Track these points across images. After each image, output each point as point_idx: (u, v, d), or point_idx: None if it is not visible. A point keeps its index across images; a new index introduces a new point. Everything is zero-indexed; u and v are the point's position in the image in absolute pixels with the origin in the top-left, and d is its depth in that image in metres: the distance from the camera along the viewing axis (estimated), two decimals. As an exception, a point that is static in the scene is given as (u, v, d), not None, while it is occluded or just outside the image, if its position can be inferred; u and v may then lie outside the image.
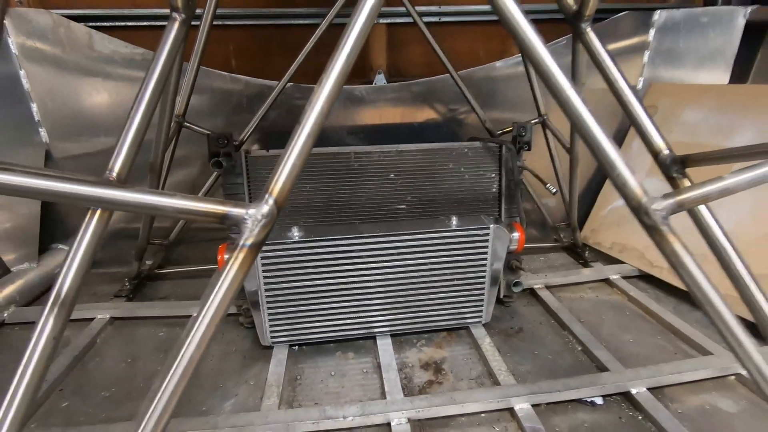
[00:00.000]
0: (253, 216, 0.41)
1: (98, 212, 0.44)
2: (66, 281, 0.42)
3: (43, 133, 1.28)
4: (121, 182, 0.46)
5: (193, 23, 0.59)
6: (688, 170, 0.54)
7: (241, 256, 0.41)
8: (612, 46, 1.50)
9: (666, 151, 0.54)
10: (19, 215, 1.26)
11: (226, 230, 1.13)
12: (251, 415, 0.81)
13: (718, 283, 0.44)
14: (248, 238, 0.41)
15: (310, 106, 0.42)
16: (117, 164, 0.46)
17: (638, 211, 0.38)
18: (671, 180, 0.53)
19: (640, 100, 0.57)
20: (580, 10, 0.61)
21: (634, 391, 0.86)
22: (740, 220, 1.13)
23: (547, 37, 0.43)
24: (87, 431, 0.78)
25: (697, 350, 0.99)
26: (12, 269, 1.22)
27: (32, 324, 0.86)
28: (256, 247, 0.41)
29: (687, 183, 0.53)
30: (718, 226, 0.49)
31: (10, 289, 1.15)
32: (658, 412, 0.81)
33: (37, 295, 1.23)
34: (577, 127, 0.40)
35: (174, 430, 0.77)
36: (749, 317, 0.55)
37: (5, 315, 1.10)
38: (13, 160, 1.11)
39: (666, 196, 0.38)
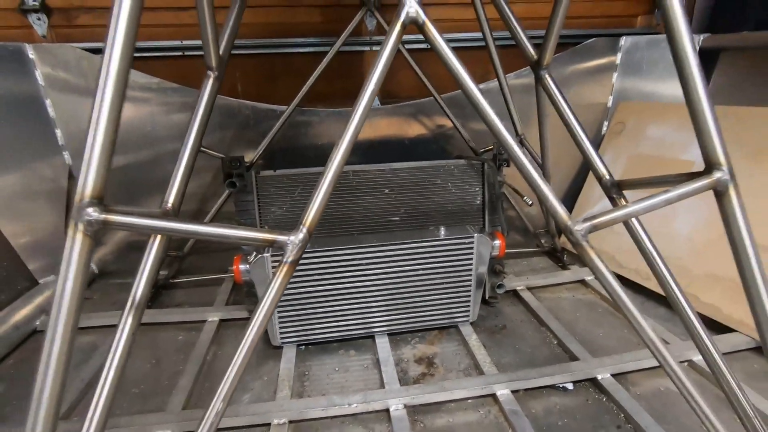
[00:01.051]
0: (293, 241, 0.53)
1: (159, 237, 0.56)
2: (138, 290, 0.54)
3: (66, 155, 1.40)
4: (176, 211, 0.58)
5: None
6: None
7: (285, 269, 0.53)
8: (584, 66, 1.65)
9: (607, 177, 0.68)
10: (43, 229, 1.36)
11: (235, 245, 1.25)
12: (268, 405, 0.93)
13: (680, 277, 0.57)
14: (289, 256, 0.53)
15: (331, 160, 0.54)
16: (171, 197, 0.59)
17: (565, 230, 0.51)
18: (611, 199, 0.67)
19: (587, 134, 0.70)
20: (539, 60, 0.75)
21: (599, 377, 0.99)
22: (696, 225, 1.27)
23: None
24: (125, 421, 0.90)
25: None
26: (40, 281, 1.33)
27: None
28: (294, 263, 0.54)
29: (623, 202, 0.66)
30: (645, 234, 0.62)
31: (40, 299, 1.26)
32: (619, 394, 0.94)
33: (63, 304, 1.34)
34: (515, 164, 0.53)
35: (192, 420, 0.89)
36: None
37: (37, 323, 1.22)
38: (40, 179, 1.23)
39: (584, 219, 0.51)
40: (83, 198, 0.44)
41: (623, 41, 1.59)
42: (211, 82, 0.67)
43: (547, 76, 0.76)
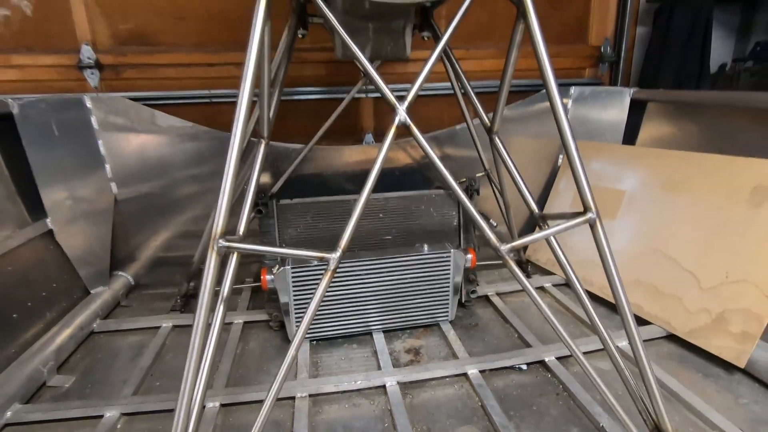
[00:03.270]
0: (334, 258, 0.81)
1: (236, 254, 0.84)
2: (225, 289, 0.82)
3: (113, 186, 1.67)
4: (244, 236, 0.87)
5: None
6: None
7: (328, 275, 0.80)
8: (543, 108, 1.99)
9: (537, 211, 0.99)
10: (94, 244, 1.62)
11: (256, 258, 1.54)
12: (292, 383, 1.20)
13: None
14: (331, 267, 0.81)
15: (356, 204, 0.83)
16: (242, 227, 0.87)
17: (495, 250, 0.81)
18: (539, 227, 0.98)
19: (525, 183, 1.01)
20: (491, 127, 1.07)
21: (546, 359, 1.29)
22: (632, 239, 1.59)
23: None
24: (176, 397, 1.16)
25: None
26: (91, 291, 1.58)
27: (115, 332, 1.35)
28: (334, 271, 0.81)
29: (547, 227, 0.97)
30: (561, 251, 0.93)
31: (93, 307, 1.51)
32: (560, 372, 1.23)
33: (110, 311, 1.60)
34: (460, 203, 0.83)
35: (240, 394, 1.16)
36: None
37: (94, 326, 1.47)
38: (92, 206, 1.51)
39: (508, 243, 0.81)
40: (217, 234, 0.72)
41: (572, 90, 1.94)
42: (262, 147, 0.96)
43: (497, 138, 1.07)
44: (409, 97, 0.80)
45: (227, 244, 0.74)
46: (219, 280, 0.80)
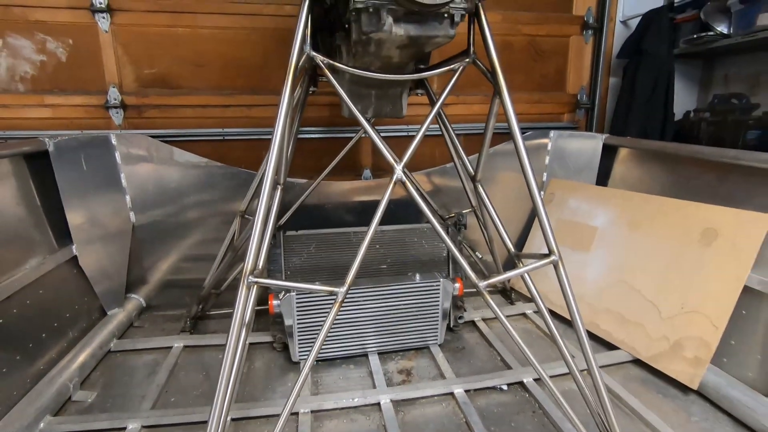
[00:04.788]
0: (341, 291, 0.96)
1: (255, 287, 0.99)
2: (246, 314, 0.97)
3: (132, 215, 1.82)
4: (263, 272, 1.02)
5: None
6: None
7: (336, 306, 0.96)
8: (528, 144, 2.19)
9: (513, 250, 1.16)
10: (112, 268, 1.75)
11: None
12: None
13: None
14: (338, 300, 0.96)
15: (362, 243, 0.99)
16: (260, 263, 1.03)
17: (475, 286, 0.97)
18: (514, 263, 1.14)
19: (503, 225, 1.19)
20: (475, 176, 1.25)
21: (525, 380, 1.43)
22: (603, 270, 1.76)
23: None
24: (199, 409, 1.28)
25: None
26: (108, 312, 1.71)
27: (131, 351, 1.49)
28: (341, 303, 0.96)
29: (521, 265, 1.14)
30: (534, 287, 1.09)
31: (110, 327, 1.64)
32: (536, 391, 1.38)
33: (124, 331, 1.72)
34: (441, 238, 1.00)
35: (250, 410, 1.28)
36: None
37: (111, 345, 1.59)
38: (113, 234, 1.67)
39: (485, 279, 0.97)
40: (248, 270, 0.88)
41: (552, 133, 2.15)
42: (279, 192, 1.12)
43: (479, 186, 1.25)
44: (405, 158, 0.97)
45: (256, 280, 0.89)
46: (230, 303, 0.93)
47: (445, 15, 0.83)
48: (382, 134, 2.16)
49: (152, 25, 1.84)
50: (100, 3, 1.78)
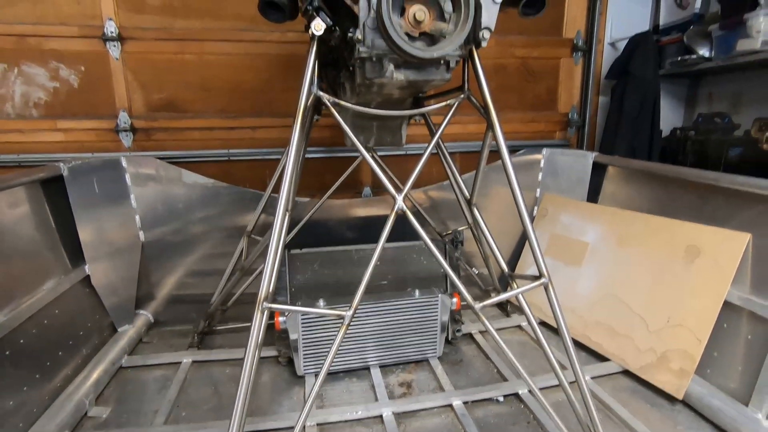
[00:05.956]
0: (348, 315, 1.04)
1: (267, 311, 1.06)
2: (258, 337, 1.03)
3: (141, 234, 1.89)
4: (273, 297, 1.09)
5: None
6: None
7: (344, 328, 1.03)
8: (521, 165, 2.27)
9: (507, 270, 1.23)
10: (122, 286, 1.82)
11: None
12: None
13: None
14: (345, 322, 1.03)
15: (369, 264, 1.07)
16: (271, 287, 1.10)
17: (471, 307, 1.05)
18: (508, 284, 1.22)
19: (497, 246, 1.26)
20: (470, 200, 1.33)
21: (520, 392, 1.50)
22: (594, 284, 1.84)
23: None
24: (210, 424, 1.34)
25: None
26: (118, 329, 1.77)
27: (142, 367, 1.56)
28: (348, 325, 1.03)
29: (516, 286, 1.21)
30: (527, 306, 1.17)
31: (121, 344, 1.70)
32: (531, 402, 1.45)
33: (134, 346, 1.78)
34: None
35: (258, 423, 1.35)
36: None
37: (123, 361, 1.65)
38: (123, 253, 1.74)
39: (480, 301, 1.05)
40: (263, 297, 0.95)
41: (544, 151, 2.23)
42: (287, 218, 1.20)
43: (475, 209, 1.33)
44: (405, 189, 1.06)
45: (270, 306, 0.96)
46: (236, 318, 1.00)
47: (442, 62, 0.91)
48: (381, 153, 2.25)
49: (161, 52, 1.93)
50: (112, 32, 1.87)
